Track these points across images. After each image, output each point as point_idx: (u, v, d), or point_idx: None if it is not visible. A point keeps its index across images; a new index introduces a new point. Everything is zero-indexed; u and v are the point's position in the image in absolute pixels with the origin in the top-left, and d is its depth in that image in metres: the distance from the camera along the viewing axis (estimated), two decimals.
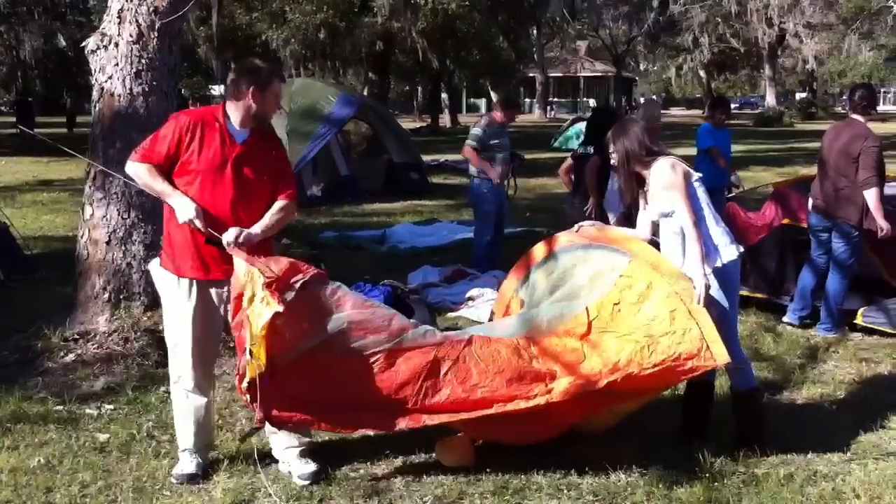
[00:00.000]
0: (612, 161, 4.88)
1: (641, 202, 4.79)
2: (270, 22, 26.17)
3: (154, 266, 4.47)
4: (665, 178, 4.54)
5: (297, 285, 4.09)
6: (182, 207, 4.15)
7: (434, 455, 4.61)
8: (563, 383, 4.27)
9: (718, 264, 4.58)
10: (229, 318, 4.16)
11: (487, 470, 4.49)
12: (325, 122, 15.02)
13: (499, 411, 4.29)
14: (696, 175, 4.68)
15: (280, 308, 3.89)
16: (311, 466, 4.40)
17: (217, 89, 51.48)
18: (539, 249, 5.13)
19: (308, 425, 4.37)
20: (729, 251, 4.63)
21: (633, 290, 4.46)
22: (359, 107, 16.31)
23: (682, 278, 4.39)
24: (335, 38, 26.23)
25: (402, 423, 4.31)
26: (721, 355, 4.22)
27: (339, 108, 15.35)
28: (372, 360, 4.24)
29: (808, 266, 7.22)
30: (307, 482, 4.33)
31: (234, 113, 4.30)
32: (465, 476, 4.44)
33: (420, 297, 7.49)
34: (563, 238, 5.05)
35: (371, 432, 4.48)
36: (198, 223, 4.13)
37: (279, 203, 4.38)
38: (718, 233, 4.65)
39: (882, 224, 6.63)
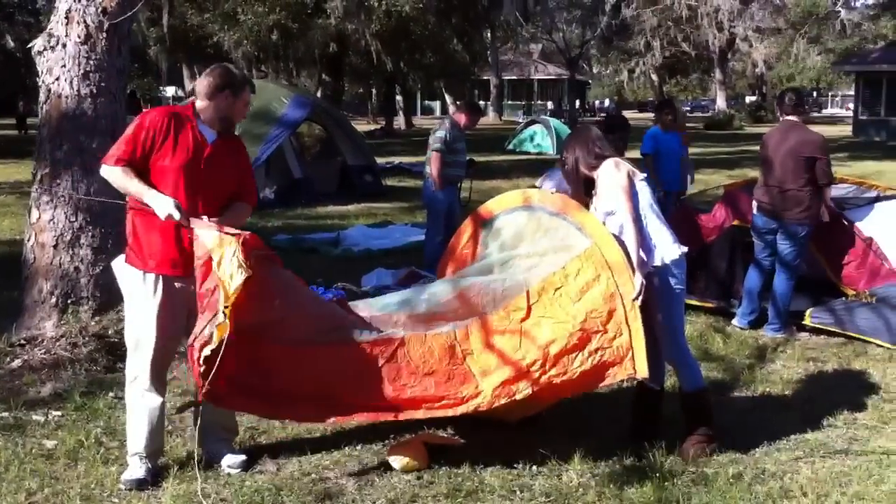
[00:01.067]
0: (564, 166, 4.91)
1: (592, 207, 4.80)
2: (222, 23, 25.94)
3: (118, 263, 4.43)
4: (609, 178, 4.59)
5: (260, 255, 4.18)
6: (161, 205, 4.14)
7: (387, 457, 4.61)
8: (494, 380, 4.34)
9: (658, 263, 4.61)
10: (197, 285, 4.14)
11: (440, 472, 4.50)
12: (277, 124, 14.93)
13: (427, 414, 4.42)
14: (640, 175, 4.73)
15: (250, 273, 3.97)
16: (241, 456, 4.53)
17: (168, 91, 50.91)
18: (511, 198, 5.19)
19: (244, 408, 4.51)
20: (671, 250, 4.66)
21: (580, 278, 4.45)
22: (312, 109, 16.24)
23: (630, 281, 4.42)
24: (288, 39, 26.08)
25: (332, 418, 4.45)
26: (642, 370, 4.32)
27: (292, 109, 15.27)
28: (309, 351, 4.30)
29: (754, 268, 7.32)
30: (237, 470, 4.45)
31: (205, 113, 4.33)
32: (418, 479, 4.43)
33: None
34: (536, 196, 5.11)
35: (303, 423, 4.68)
36: (178, 217, 4.12)
37: (240, 204, 4.46)
38: (661, 232, 4.68)
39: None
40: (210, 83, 4.34)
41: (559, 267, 4.53)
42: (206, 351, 3.97)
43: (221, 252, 4.01)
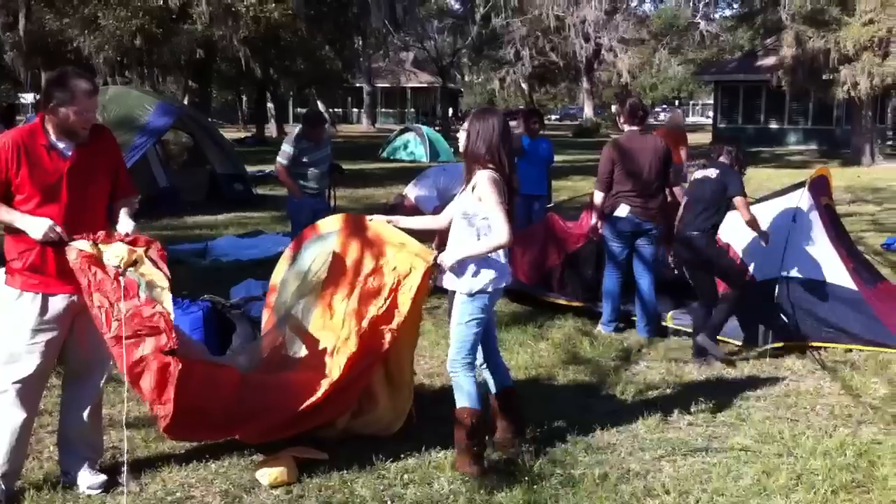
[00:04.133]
0: (461, 143, 4.78)
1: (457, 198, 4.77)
2: (82, 28, 24.96)
3: None
4: (486, 190, 4.49)
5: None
6: (35, 227, 4.00)
7: (255, 473, 4.51)
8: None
9: (490, 289, 4.57)
10: (89, 303, 4.01)
11: (310, 486, 4.44)
12: (141, 131, 14.47)
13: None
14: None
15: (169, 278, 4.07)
16: (101, 477, 4.39)
17: (27, 97, 48.72)
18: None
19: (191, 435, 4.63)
20: (481, 283, 4.57)
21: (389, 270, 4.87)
22: (178, 116, 15.81)
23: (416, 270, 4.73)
24: (152, 45, 25.28)
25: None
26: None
27: (157, 117, 14.83)
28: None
29: (614, 272, 7.49)
30: (97, 491, 4.32)
31: (52, 127, 4.13)
32: (288, 493, 4.36)
33: (242, 312, 7.29)
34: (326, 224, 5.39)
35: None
36: (54, 236, 4.00)
37: (124, 202, 4.43)
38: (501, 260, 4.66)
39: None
40: (43, 95, 4.17)
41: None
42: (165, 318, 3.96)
43: (135, 261, 4.00)
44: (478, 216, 4.54)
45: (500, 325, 7.63)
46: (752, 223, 6.73)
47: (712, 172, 6.75)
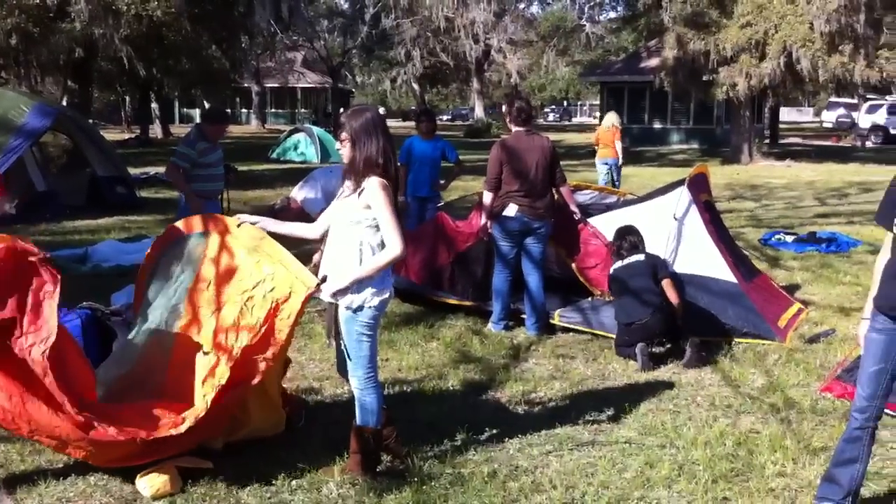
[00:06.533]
0: (341, 146, 4.48)
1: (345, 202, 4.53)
2: None
3: None
4: (377, 198, 4.30)
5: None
6: None
7: (136, 484, 4.37)
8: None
9: (374, 302, 4.38)
10: None
11: (195, 495, 4.34)
12: (17, 133, 13.92)
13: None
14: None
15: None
16: None
17: None
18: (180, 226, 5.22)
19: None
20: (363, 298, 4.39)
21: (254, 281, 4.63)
22: (56, 117, 15.24)
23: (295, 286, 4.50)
24: (29, 44, 24.38)
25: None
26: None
27: (34, 118, 14.28)
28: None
29: (503, 271, 7.55)
30: None
31: None
32: None
33: (124, 319, 7.07)
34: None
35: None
36: None
37: None
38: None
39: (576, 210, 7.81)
40: None
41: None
42: None
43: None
44: (362, 224, 4.32)
45: (391, 325, 7.63)
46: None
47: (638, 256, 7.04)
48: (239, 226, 4.81)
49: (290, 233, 4.74)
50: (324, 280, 4.38)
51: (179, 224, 5.19)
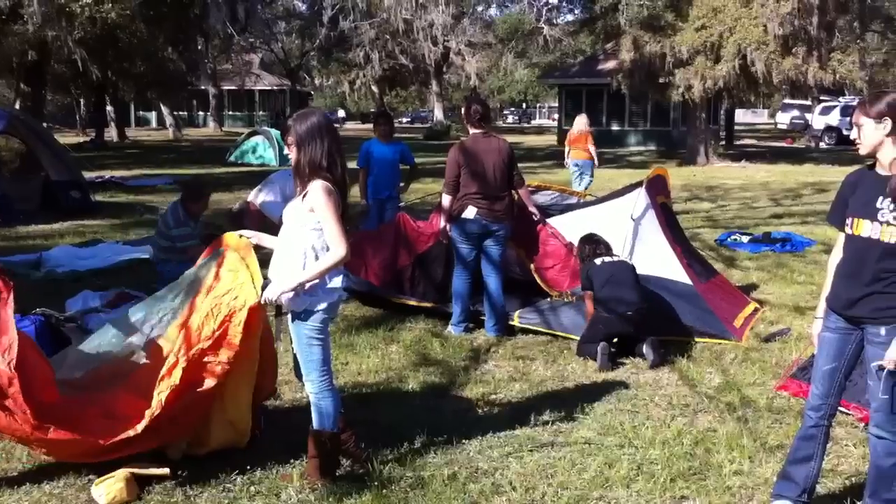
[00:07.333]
0: (289, 150, 4.44)
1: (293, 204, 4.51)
2: None
3: None
4: (319, 201, 4.29)
5: None
6: None
7: (91, 493, 4.31)
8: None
9: (321, 306, 4.37)
10: None
11: (152, 503, 4.29)
12: None
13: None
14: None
15: None
16: None
17: None
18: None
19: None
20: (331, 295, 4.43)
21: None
22: (9, 121, 14.98)
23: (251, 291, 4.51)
24: None
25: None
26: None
27: None
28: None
29: (462, 273, 7.56)
30: None
31: None
32: None
33: (79, 325, 6.99)
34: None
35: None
36: None
37: None
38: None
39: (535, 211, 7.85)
40: None
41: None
42: None
43: None
44: (307, 226, 4.31)
45: (350, 328, 7.60)
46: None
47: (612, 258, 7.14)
48: (241, 237, 4.76)
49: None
50: (266, 284, 4.38)
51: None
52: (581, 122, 16.59)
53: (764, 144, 40.97)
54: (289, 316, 4.39)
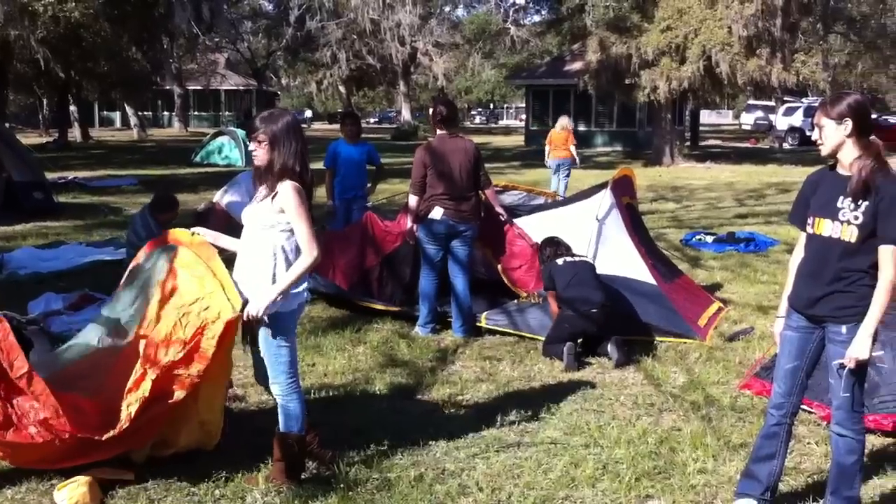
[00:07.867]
0: (257, 147, 4.34)
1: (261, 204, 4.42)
2: None
3: None
4: (290, 203, 4.24)
5: None
6: None
7: (54, 498, 4.26)
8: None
9: (289, 308, 4.35)
10: None
11: None
12: None
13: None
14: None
15: None
16: None
17: None
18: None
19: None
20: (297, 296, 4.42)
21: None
22: None
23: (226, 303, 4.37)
24: None
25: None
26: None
27: None
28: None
29: (429, 274, 7.55)
30: None
31: None
32: None
33: (41, 328, 6.91)
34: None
35: None
36: None
37: None
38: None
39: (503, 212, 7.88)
40: None
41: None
42: None
43: None
44: (276, 228, 4.27)
45: (317, 329, 7.58)
46: None
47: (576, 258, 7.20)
48: (193, 234, 4.67)
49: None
50: (246, 303, 4.29)
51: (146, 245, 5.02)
52: (562, 122, 17.08)
53: (728, 145, 41.35)
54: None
